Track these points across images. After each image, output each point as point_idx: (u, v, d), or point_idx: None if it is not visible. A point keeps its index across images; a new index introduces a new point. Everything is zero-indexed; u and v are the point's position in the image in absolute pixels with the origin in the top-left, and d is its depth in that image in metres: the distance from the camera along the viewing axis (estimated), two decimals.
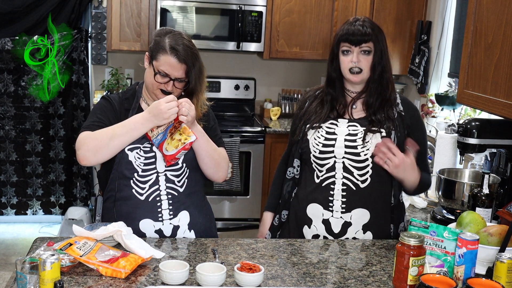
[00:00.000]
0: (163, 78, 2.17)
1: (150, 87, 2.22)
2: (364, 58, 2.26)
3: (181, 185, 2.25)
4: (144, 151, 2.20)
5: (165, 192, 2.22)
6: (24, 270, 1.69)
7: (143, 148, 2.20)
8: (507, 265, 1.74)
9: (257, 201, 4.48)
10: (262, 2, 4.46)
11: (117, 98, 2.29)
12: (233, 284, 1.83)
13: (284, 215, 2.44)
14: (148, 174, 2.20)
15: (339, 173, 2.28)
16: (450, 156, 2.97)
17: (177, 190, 2.23)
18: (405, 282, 1.79)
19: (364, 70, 2.27)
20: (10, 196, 5.03)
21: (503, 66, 2.23)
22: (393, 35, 4.12)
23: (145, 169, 2.20)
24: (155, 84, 2.19)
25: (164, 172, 2.21)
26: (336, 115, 2.33)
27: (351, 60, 2.26)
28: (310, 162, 2.33)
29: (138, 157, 2.19)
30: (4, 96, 4.83)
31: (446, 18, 3.81)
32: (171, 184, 2.22)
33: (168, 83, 2.18)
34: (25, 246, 4.60)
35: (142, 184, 2.20)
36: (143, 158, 2.20)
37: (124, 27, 4.42)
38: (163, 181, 2.21)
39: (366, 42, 2.25)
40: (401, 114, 2.31)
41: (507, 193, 2.49)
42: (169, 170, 2.22)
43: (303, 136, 2.34)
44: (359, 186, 2.27)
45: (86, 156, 2.11)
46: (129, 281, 1.83)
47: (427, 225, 1.89)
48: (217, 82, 4.79)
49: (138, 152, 2.20)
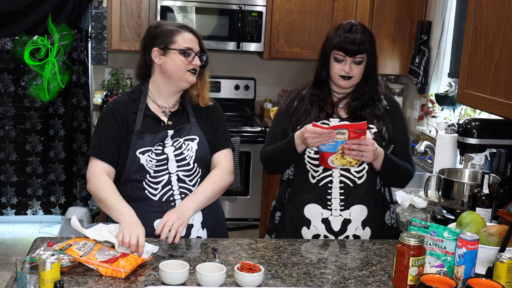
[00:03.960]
0: (190, 56, 2.21)
1: (178, 74, 2.22)
2: (356, 67, 2.29)
3: (193, 184, 2.25)
4: (156, 154, 2.20)
5: (178, 192, 2.22)
6: (24, 270, 1.69)
7: (155, 150, 2.20)
8: (507, 265, 1.75)
9: (257, 201, 4.48)
10: (262, 2, 4.45)
11: (123, 101, 2.28)
12: (233, 284, 1.83)
13: (277, 217, 2.46)
14: (160, 175, 2.21)
15: (336, 172, 2.30)
16: (450, 156, 2.97)
17: (190, 189, 2.24)
18: (405, 282, 1.79)
19: (355, 77, 2.30)
20: (10, 196, 5.03)
21: (503, 66, 2.23)
22: (393, 35, 4.12)
23: (157, 170, 2.20)
24: (183, 67, 2.21)
25: (176, 173, 2.21)
26: (325, 116, 2.35)
27: (343, 68, 2.28)
28: (304, 164, 2.33)
29: (150, 160, 2.19)
30: (4, 96, 4.83)
31: (446, 18, 3.81)
32: (184, 184, 2.23)
33: (195, 59, 2.23)
34: (25, 246, 4.60)
35: (154, 185, 2.20)
36: (155, 160, 2.19)
37: (124, 27, 4.42)
38: (175, 181, 2.22)
39: (361, 53, 2.27)
40: (386, 109, 2.37)
41: (507, 193, 2.49)
42: (181, 171, 2.22)
43: None
44: (356, 182, 2.30)
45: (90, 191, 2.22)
46: (129, 281, 1.83)
47: (427, 225, 1.89)
48: (217, 82, 4.79)
49: (149, 155, 2.19)
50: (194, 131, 2.27)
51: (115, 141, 2.21)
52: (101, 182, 2.17)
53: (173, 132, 2.24)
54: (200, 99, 2.31)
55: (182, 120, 2.29)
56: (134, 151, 2.19)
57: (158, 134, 2.22)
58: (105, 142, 2.21)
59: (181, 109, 2.31)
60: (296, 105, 2.38)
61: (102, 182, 2.17)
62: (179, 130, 2.25)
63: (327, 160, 2.20)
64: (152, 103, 2.28)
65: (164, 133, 2.23)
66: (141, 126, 2.22)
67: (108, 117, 2.24)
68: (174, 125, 2.26)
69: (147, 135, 2.21)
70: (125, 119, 2.23)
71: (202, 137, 2.27)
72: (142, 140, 2.20)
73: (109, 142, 2.21)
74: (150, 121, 2.25)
